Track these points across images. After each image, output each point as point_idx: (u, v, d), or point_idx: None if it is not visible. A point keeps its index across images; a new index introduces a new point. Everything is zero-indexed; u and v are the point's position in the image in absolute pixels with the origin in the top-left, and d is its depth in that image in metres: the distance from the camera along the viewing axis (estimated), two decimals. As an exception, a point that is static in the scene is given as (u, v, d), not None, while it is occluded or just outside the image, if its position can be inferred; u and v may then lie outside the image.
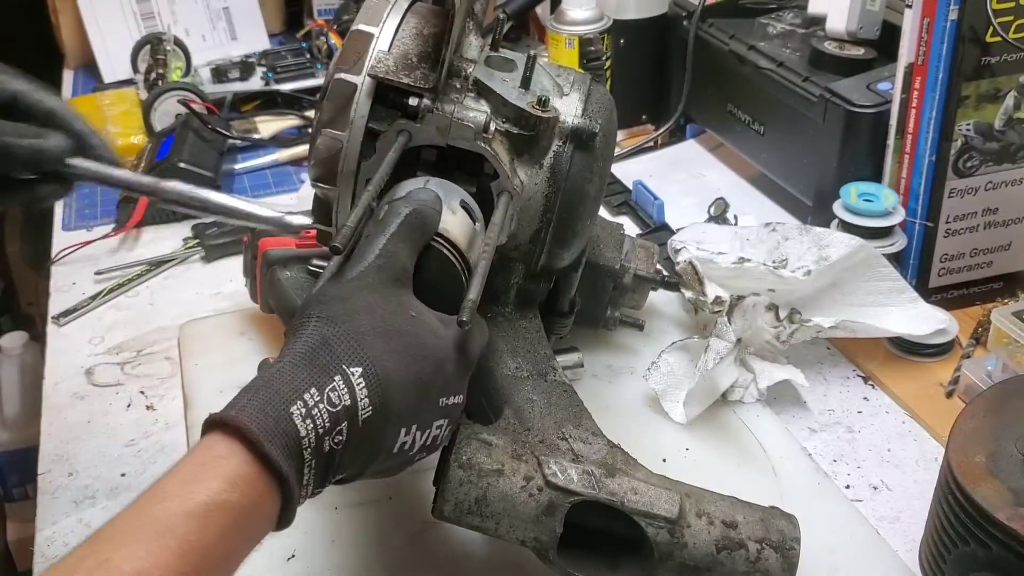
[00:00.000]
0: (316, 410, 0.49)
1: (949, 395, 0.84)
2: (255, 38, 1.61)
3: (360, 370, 0.51)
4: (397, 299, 0.56)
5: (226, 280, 1.06)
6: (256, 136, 1.33)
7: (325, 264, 0.59)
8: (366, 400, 0.51)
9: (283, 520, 0.49)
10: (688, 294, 0.88)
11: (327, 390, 0.50)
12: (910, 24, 0.87)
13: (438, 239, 0.60)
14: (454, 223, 0.62)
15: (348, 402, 0.50)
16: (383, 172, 0.64)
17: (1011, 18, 0.84)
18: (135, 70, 1.48)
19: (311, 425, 0.49)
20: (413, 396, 0.53)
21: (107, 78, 1.57)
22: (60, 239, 1.16)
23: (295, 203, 1.18)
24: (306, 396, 0.49)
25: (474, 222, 0.64)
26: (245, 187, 1.26)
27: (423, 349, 0.55)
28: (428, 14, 0.72)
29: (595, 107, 0.73)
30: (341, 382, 0.51)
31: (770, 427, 0.81)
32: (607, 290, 0.87)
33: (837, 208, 0.92)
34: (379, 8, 0.71)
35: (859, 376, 0.88)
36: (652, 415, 0.83)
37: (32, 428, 1.08)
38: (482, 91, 0.70)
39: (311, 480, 0.50)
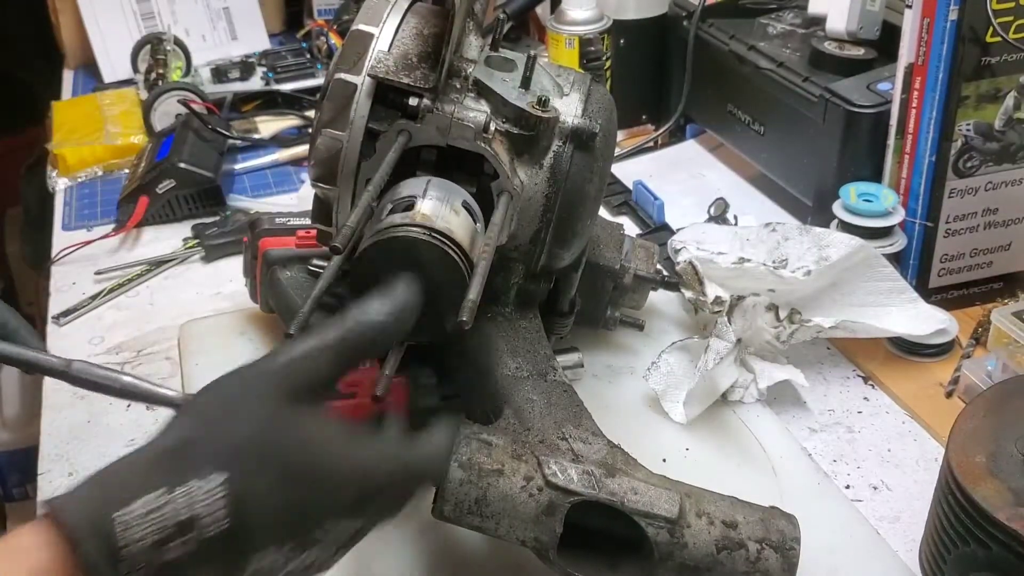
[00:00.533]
0: (156, 513, 0.46)
1: (949, 395, 0.84)
2: (255, 38, 1.61)
3: (222, 478, 0.47)
4: (297, 414, 0.52)
5: (226, 280, 1.05)
6: (256, 136, 1.33)
7: (325, 264, 0.60)
8: (222, 512, 0.47)
9: None
10: (688, 294, 0.88)
11: (176, 493, 0.47)
12: (910, 24, 0.87)
13: (444, 239, 0.60)
14: (457, 223, 0.62)
15: (199, 511, 0.47)
16: (383, 172, 0.64)
17: (1011, 18, 0.84)
18: (135, 70, 1.48)
19: (148, 529, 0.46)
20: (282, 518, 0.49)
21: (107, 78, 1.57)
22: (60, 239, 1.16)
23: (295, 203, 1.18)
24: (149, 496, 0.46)
25: (475, 222, 0.65)
26: (245, 187, 1.26)
27: (309, 470, 0.50)
28: (428, 14, 0.72)
29: (595, 107, 0.73)
30: (198, 488, 0.47)
31: (770, 427, 0.81)
32: (607, 290, 0.87)
33: (837, 208, 0.92)
34: (379, 8, 0.71)
35: (859, 376, 0.88)
36: (652, 415, 0.83)
37: (32, 428, 1.07)
38: (482, 91, 0.70)
39: None
